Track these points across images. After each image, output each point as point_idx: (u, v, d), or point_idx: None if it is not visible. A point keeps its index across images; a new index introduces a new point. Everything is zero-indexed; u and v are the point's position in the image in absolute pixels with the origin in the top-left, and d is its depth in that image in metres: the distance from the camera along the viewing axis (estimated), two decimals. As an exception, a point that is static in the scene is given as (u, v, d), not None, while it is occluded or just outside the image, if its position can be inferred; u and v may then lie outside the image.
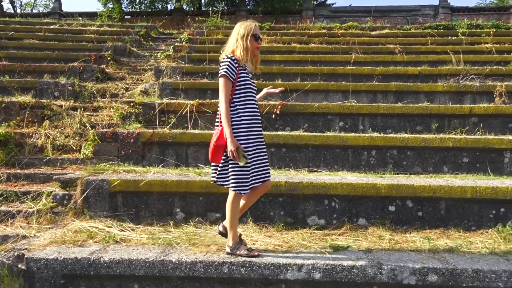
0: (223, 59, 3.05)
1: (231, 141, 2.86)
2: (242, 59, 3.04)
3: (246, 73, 3.06)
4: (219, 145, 2.93)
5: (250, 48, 3.04)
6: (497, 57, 8.89)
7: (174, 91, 7.08)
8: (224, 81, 2.95)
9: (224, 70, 2.96)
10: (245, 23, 3.12)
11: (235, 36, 3.09)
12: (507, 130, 5.75)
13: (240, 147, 2.90)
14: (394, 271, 2.77)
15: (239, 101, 2.99)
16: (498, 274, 2.72)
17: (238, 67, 3.00)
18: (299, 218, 3.90)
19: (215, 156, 2.97)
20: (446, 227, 3.80)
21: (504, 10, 18.70)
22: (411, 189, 3.76)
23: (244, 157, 2.86)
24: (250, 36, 3.05)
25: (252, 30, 3.06)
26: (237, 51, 3.04)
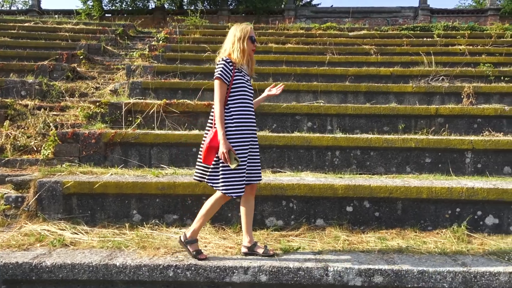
0: (218, 61, 3.04)
1: (224, 143, 2.86)
2: (239, 62, 3.02)
3: (241, 75, 3.05)
4: (212, 147, 2.93)
5: (246, 50, 3.03)
6: (469, 58, 9.02)
7: (144, 91, 6.99)
8: (219, 84, 2.95)
9: (218, 72, 2.96)
10: (241, 26, 3.11)
11: (231, 39, 3.07)
12: (471, 130, 5.82)
13: (232, 149, 2.88)
14: (340, 272, 2.75)
15: (234, 104, 2.99)
16: (443, 275, 2.73)
17: (233, 69, 3.00)
18: (257, 219, 3.86)
19: (208, 158, 2.97)
20: (403, 227, 3.81)
21: (482, 13, 19.01)
22: (368, 190, 3.77)
23: (235, 160, 2.85)
24: (247, 39, 3.03)
25: (248, 32, 3.05)
26: (233, 54, 3.03)
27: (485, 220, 3.79)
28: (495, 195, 3.72)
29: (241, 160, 2.90)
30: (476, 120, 5.84)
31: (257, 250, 3.06)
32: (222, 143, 2.87)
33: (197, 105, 5.85)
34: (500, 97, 6.86)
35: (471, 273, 2.73)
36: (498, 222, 3.79)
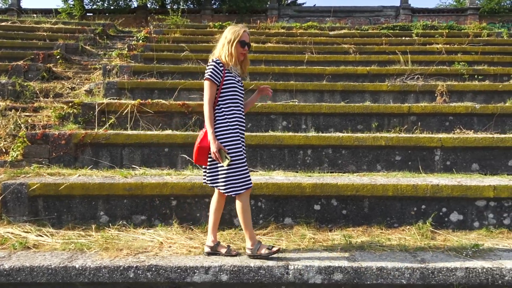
0: (209, 63, 3.08)
1: (213, 142, 2.91)
2: (227, 64, 3.05)
3: (232, 76, 3.08)
4: (202, 147, 2.99)
5: (234, 54, 3.04)
6: (445, 57, 9.15)
7: (120, 91, 6.92)
8: (209, 84, 3.00)
9: (208, 73, 3.01)
10: (235, 28, 3.12)
11: (222, 41, 3.09)
12: (443, 128, 5.91)
13: (222, 148, 2.92)
14: (300, 271, 2.77)
15: (225, 104, 3.02)
16: (401, 271, 2.77)
17: (223, 70, 3.02)
18: (226, 218, 3.87)
19: (199, 158, 3.04)
20: (370, 224, 3.85)
21: (462, 12, 19.31)
22: (335, 188, 3.80)
23: (226, 158, 2.89)
24: (237, 42, 3.04)
25: (240, 36, 3.06)
26: (222, 56, 3.06)
27: (450, 216, 3.86)
28: (459, 191, 3.78)
29: (233, 157, 2.93)
30: (448, 118, 5.93)
31: (219, 249, 3.07)
32: (212, 143, 2.92)
33: (171, 105, 5.82)
34: (473, 95, 6.97)
35: (428, 269, 2.78)
36: (462, 218, 3.86)
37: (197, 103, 5.89)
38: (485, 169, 4.95)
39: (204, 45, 10.28)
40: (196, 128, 5.73)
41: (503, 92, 6.92)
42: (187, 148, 4.96)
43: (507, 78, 7.88)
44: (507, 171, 4.94)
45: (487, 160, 4.95)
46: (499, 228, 3.81)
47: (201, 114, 5.77)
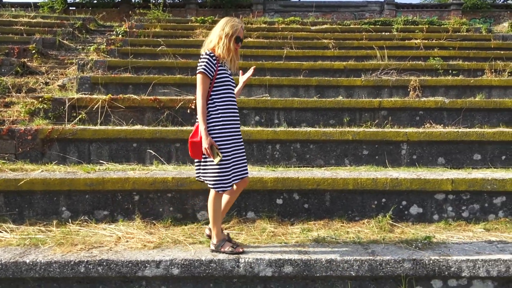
0: (201, 55, 2.99)
1: (205, 138, 2.86)
2: (223, 58, 2.99)
3: (225, 69, 3.03)
4: (193, 142, 2.94)
5: (232, 49, 2.98)
6: (423, 52, 9.23)
7: (94, 86, 6.87)
8: (202, 78, 2.91)
9: (202, 67, 2.92)
10: (232, 21, 3.02)
11: (218, 33, 2.98)
12: (414, 122, 5.98)
13: (214, 144, 2.87)
14: (251, 264, 2.80)
15: (218, 98, 2.97)
16: (350, 263, 2.81)
17: (217, 64, 2.96)
18: (189, 213, 3.89)
19: (194, 152, 2.98)
20: (331, 218, 3.90)
21: (445, 7, 19.47)
22: (296, 182, 3.83)
23: (217, 154, 2.84)
24: (235, 38, 2.96)
25: (237, 32, 2.99)
26: (218, 50, 2.97)
27: (409, 209, 3.92)
28: (418, 185, 3.84)
29: (225, 154, 2.91)
30: (418, 113, 6.00)
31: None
32: (204, 138, 2.86)
33: (143, 100, 5.80)
34: (446, 90, 7.06)
35: (377, 261, 2.83)
36: (422, 211, 3.92)
37: (169, 98, 5.88)
38: (451, 163, 5.03)
39: (184, 39, 10.24)
40: (168, 123, 5.72)
41: (474, 87, 7.01)
42: (155, 143, 4.96)
43: (480, 73, 7.99)
44: (472, 165, 5.02)
45: (452, 154, 5.02)
46: (457, 221, 3.88)
47: (172, 109, 5.78)
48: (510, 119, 6.03)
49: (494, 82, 7.06)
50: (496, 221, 3.85)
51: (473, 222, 3.86)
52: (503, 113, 6.02)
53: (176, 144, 4.96)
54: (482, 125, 5.97)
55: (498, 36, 11.26)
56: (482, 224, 3.81)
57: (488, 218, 3.91)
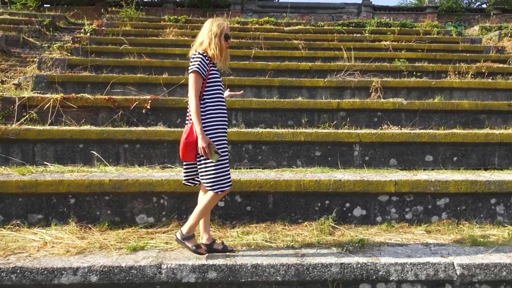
0: (193, 55, 2.93)
1: (202, 137, 2.80)
2: (216, 58, 2.97)
3: (216, 70, 3.03)
4: (189, 142, 2.86)
5: (224, 47, 2.98)
6: (390, 54, 9.28)
7: (51, 85, 6.68)
8: (195, 77, 2.87)
9: (196, 66, 2.87)
10: (218, 21, 3.03)
11: (207, 33, 2.98)
12: (372, 124, 5.97)
13: (211, 143, 2.82)
14: (174, 270, 2.71)
15: (209, 98, 2.94)
16: (276, 268, 2.74)
17: (209, 64, 2.95)
18: (128, 216, 3.77)
19: (187, 154, 2.91)
20: (274, 220, 3.83)
21: (421, 10, 19.68)
22: (238, 184, 3.74)
23: (216, 153, 2.78)
24: (224, 36, 2.98)
25: (225, 29, 3.00)
26: (211, 50, 2.95)
27: (353, 211, 3.88)
28: (361, 187, 3.80)
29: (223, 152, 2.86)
30: (376, 114, 5.99)
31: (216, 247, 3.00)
32: (200, 138, 2.80)
33: (96, 100, 5.65)
34: (408, 91, 7.08)
35: (304, 266, 2.76)
36: (365, 213, 3.88)
37: (124, 98, 5.74)
38: (403, 164, 5.02)
39: (153, 38, 10.10)
40: (123, 124, 5.58)
41: (435, 88, 7.05)
42: (103, 144, 4.83)
43: (444, 75, 8.05)
44: (424, 166, 5.03)
45: (405, 155, 5.01)
46: (400, 223, 3.85)
47: (127, 109, 5.65)
48: (467, 120, 6.08)
49: (455, 84, 7.12)
50: (439, 223, 3.84)
51: (416, 224, 3.83)
52: (460, 114, 6.06)
53: (124, 145, 4.83)
54: (439, 126, 6.00)
55: (467, 39, 11.42)
56: (424, 226, 3.79)
57: (431, 220, 3.89)
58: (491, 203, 3.92)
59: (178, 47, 9.29)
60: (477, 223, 3.87)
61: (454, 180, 3.84)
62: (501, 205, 3.92)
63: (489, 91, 7.15)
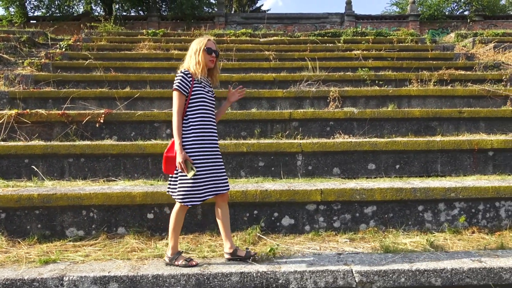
0: (177, 74, 3.10)
1: (180, 153, 2.95)
2: (196, 73, 3.07)
3: (201, 87, 3.10)
4: (168, 157, 3.04)
5: (202, 62, 3.09)
6: (357, 63, 9.37)
7: (12, 101, 6.81)
8: (177, 95, 3.02)
9: (176, 84, 3.04)
10: (199, 39, 3.18)
11: (189, 52, 3.16)
12: (325, 133, 6.05)
13: (188, 159, 2.95)
14: (75, 282, 2.76)
15: (192, 114, 3.04)
16: (177, 278, 2.80)
17: (192, 81, 3.05)
18: (58, 230, 3.83)
19: (167, 167, 3.07)
20: (203, 231, 3.89)
21: (404, 19, 19.92)
22: (165, 196, 3.80)
23: (192, 169, 2.90)
24: (202, 51, 3.09)
25: (204, 44, 3.12)
26: (191, 67, 3.10)
27: (281, 221, 3.93)
28: (287, 196, 3.86)
29: (197, 169, 2.95)
30: (328, 123, 6.07)
31: (239, 253, 3.11)
32: (178, 153, 2.95)
33: (50, 115, 5.74)
34: (366, 100, 7.17)
35: (204, 275, 2.81)
36: (294, 222, 3.94)
37: (77, 112, 5.83)
38: (346, 173, 5.09)
39: (125, 52, 10.24)
40: (77, 138, 5.67)
41: (393, 97, 7.14)
42: (47, 159, 4.91)
43: (408, 83, 8.15)
44: (367, 174, 5.09)
45: (347, 164, 5.08)
46: (328, 231, 3.90)
47: (80, 124, 5.74)
48: (419, 128, 6.15)
49: (413, 91, 7.21)
50: (366, 231, 3.89)
51: (343, 232, 3.88)
52: (412, 122, 6.14)
53: (69, 159, 4.91)
54: (391, 134, 6.08)
55: (439, 46, 11.56)
56: (350, 234, 3.84)
57: (359, 228, 3.94)
58: (419, 210, 3.97)
59: (148, 61, 9.43)
60: (405, 231, 3.92)
61: (379, 188, 3.90)
62: (429, 212, 3.98)
63: (447, 98, 7.24)
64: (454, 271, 2.86)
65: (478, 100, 7.25)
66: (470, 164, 5.15)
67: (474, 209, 3.99)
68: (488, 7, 20.15)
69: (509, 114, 6.18)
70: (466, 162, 5.14)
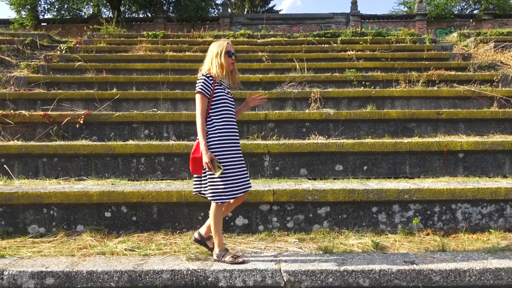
0: (199, 77, 3.20)
1: (205, 153, 3.05)
2: (218, 76, 3.18)
3: (222, 88, 3.22)
4: (195, 158, 3.14)
5: (225, 65, 3.19)
6: (347, 64, 9.30)
7: (3, 102, 7.05)
8: (200, 97, 3.13)
9: (199, 87, 3.13)
10: (218, 42, 3.28)
11: (209, 55, 3.25)
12: (300, 134, 6.08)
13: (214, 158, 3.05)
14: (14, 276, 2.90)
15: (216, 115, 3.15)
16: (110, 275, 2.90)
17: (213, 83, 3.17)
18: (20, 227, 3.99)
19: (195, 168, 3.17)
20: (159, 230, 3.98)
21: (410, 18, 19.66)
22: (121, 195, 3.93)
23: (219, 167, 3.02)
24: (224, 54, 3.19)
25: (225, 48, 3.22)
26: (212, 69, 3.20)
27: (235, 221, 4.00)
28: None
29: (225, 167, 3.06)
30: (304, 124, 6.10)
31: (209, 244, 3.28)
32: (204, 154, 3.05)
33: (32, 116, 5.95)
34: (349, 101, 7.16)
35: (136, 272, 2.91)
36: (247, 222, 4.00)
37: (58, 113, 6.03)
38: (314, 174, 5.11)
39: (121, 54, 10.45)
40: (58, 139, 5.86)
41: (376, 98, 7.11)
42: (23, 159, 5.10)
43: (396, 84, 8.08)
44: (334, 176, 5.11)
45: (315, 165, 5.11)
46: (281, 231, 3.95)
47: (61, 124, 5.92)
48: (396, 129, 6.12)
49: (396, 92, 7.16)
50: (318, 231, 3.92)
51: (296, 232, 3.92)
52: (389, 123, 6.11)
53: (43, 159, 5.09)
54: (367, 135, 6.07)
55: (437, 47, 11.40)
56: (301, 234, 3.87)
57: (312, 228, 3.97)
58: (373, 212, 3.98)
59: (141, 63, 9.61)
60: (358, 232, 3.93)
61: (332, 189, 3.93)
62: (383, 214, 3.98)
63: (432, 99, 7.16)
64: (382, 272, 2.88)
65: (464, 101, 7.16)
66: (439, 166, 5.10)
67: (429, 211, 3.97)
68: (498, 6, 19.70)
69: (489, 115, 6.09)
70: (435, 164, 5.11)
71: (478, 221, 3.98)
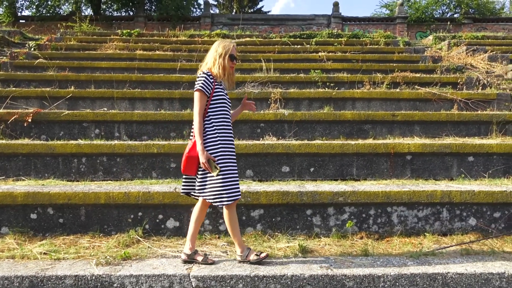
0: (199, 74, 3.10)
1: (202, 153, 2.95)
2: (219, 77, 3.11)
3: (221, 88, 3.17)
4: (191, 156, 3.02)
5: (227, 67, 3.12)
6: (316, 65, 9.27)
7: (-43, 100, 6.85)
8: (199, 95, 3.04)
9: (200, 85, 3.04)
10: (224, 42, 3.20)
11: (213, 54, 3.15)
12: (255, 135, 6.00)
13: (211, 158, 2.96)
14: None
15: (214, 115, 3.07)
16: (10, 280, 2.77)
17: (213, 82, 3.09)
18: None
19: (187, 168, 3.06)
20: (86, 232, 3.86)
21: (391, 21, 19.70)
22: (47, 197, 3.79)
23: (215, 168, 2.93)
24: (228, 56, 3.11)
25: (230, 50, 3.14)
26: (214, 69, 3.12)
27: (166, 223, 3.89)
28: (171, 198, 3.82)
29: (226, 168, 2.97)
30: (259, 125, 6.02)
31: (196, 257, 3.09)
32: (201, 154, 2.96)
33: (-21, 114, 5.78)
34: (309, 102, 7.10)
35: (39, 277, 2.78)
36: (179, 225, 3.89)
37: (6, 111, 5.86)
38: (260, 175, 5.02)
39: (89, 52, 10.28)
40: (5, 137, 5.69)
41: (337, 99, 7.06)
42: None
43: (360, 86, 8.03)
44: (280, 177, 5.02)
45: (261, 166, 5.02)
46: (213, 234, 3.86)
47: (5, 123, 5.76)
48: (351, 131, 6.07)
49: (357, 94, 7.11)
50: (250, 234, 3.83)
51: (225, 235, 3.82)
52: (344, 125, 6.05)
53: (-19, 158, 4.93)
54: (322, 137, 6.00)
55: (410, 49, 11.40)
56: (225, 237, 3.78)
57: (245, 231, 3.88)
58: (307, 214, 3.90)
59: (108, 61, 9.45)
60: (291, 235, 3.84)
61: (265, 191, 3.84)
62: (318, 216, 3.90)
63: (392, 101, 7.13)
64: (294, 278, 2.79)
65: (425, 103, 7.14)
66: (387, 168, 5.05)
67: (364, 214, 3.90)
68: (478, 10, 19.86)
69: (444, 118, 6.06)
70: (383, 166, 5.05)
71: (414, 225, 3.92)
